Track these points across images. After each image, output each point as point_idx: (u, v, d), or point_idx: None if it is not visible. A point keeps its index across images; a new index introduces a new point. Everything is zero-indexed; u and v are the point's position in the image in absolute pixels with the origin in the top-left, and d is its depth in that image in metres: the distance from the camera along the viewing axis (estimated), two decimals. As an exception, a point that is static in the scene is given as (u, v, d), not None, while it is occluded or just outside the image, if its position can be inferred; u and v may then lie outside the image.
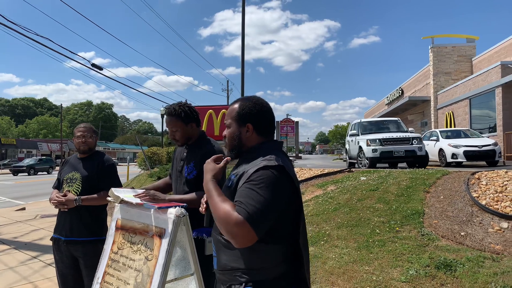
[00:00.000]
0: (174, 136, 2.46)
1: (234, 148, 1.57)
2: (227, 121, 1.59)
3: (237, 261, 1.40)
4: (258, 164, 1.39)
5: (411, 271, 3.76)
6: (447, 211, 5.28)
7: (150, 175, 13.84)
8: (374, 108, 36.00)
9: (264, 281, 1.37)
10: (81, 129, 2.84)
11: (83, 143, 2.80)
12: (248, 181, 1.35)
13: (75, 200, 2.63)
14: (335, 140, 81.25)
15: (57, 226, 2.79)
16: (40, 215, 9.37)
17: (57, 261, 2.75)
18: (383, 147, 10.73)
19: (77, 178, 2.75)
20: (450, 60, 20.98)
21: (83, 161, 2.84)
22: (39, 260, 5.31)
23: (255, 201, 1.28)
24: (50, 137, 72.20)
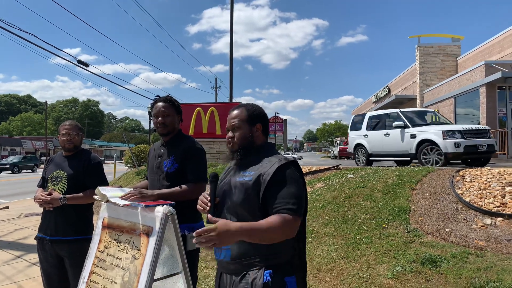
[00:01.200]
0: (165, 121, 2.49)
1: (245, 147, 1.68)
2: (234, 123, 1.70)
3: (255, 248, 1.52)
4: (275, 163, 1.56)
5: (397, 267, 3.81)
6: (432, 208, 5.36)
7: (137, 173, 13.72)
8: (362, 106, 36.32)
9: (279, 264, 1.54)
10: (66, 127, 2.79)
11: (68, 141, 2.75)
12: (274, 178, 1.51)
13: (60, 199, 2.58)
14: (323, 138, 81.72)
15: (41, 225, 2.74)
16: (24, 214, 9.20)
17: (42, 260, 2.70)
18: (466, 140, 9.13)
19: (63, 176, 2.70)
20: (435, 59, 21.29)
21: (69, 159, 2.78)
22: (23, 259, 5.21)
23: (295, 197, 1.49)
24: (34, 134, 70.90)
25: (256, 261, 1.53)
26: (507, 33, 16.40)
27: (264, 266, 1.51)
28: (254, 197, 1.53)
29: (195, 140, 2.57)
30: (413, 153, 9.91)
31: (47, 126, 59.35)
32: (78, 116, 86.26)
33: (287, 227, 1.44)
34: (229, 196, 1.62)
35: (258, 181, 1.54)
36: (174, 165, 2.42)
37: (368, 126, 11.74)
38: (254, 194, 1.53)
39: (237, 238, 1.41)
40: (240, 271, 1.55)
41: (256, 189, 1.53)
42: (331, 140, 67.28)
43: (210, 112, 14.45)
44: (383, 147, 11.04)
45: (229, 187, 1.64)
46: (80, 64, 12.89)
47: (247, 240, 1.43)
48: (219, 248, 1.59)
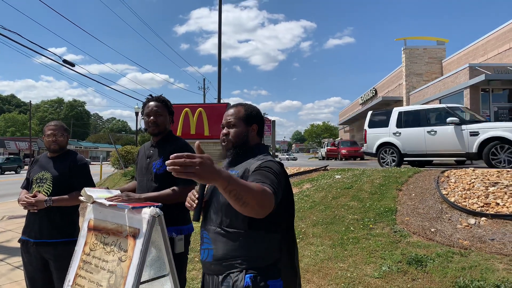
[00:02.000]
0: (157, 120, 2.47)
1: (239, 145, 1.68)
2: (231, 120, 1.70)
3: (237, 250, 1.51)
4: (261, 158, 1.58)
5: (384, 267, 3.85)
6: (418, 208, 5.43)
7: (124, 174, 13.56)
8: (349, 108, 36.65)
9: (262, 267, 1.50)
10: (51, 127, 2.73)
11: (54, 142, 2.70)
12: (257, 169, 1.50)
13: (45, 201, 2.53)
14: (310, 139, 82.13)
15: (25, 227, 2.68)
16: (7, 216, 9.01)
17: (26, 263, 2.64)
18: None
19: (48, 178, 2.64)
20: (421, 62, 21.62)
21: (54, 161, 2.73)
22: (6, 263, 5.10)
23: (271, 180, 1.44)
24: (18, 135, 69.50)
25: (237, 263, 1.51)
26: (491, 36, 16.76)
27: (246, 269, 1.49)
28: None
29: (186, 142, 2.55)
30: (473, 152, 8.86)
31: (31, 127, 58.29)
32: (63, 117, 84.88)
33: (265, 197, 1.32)
34: (216, 195, 1.60)
35: (243, 176, 1.54)
36: (163, 166, 2.39)
37: (400, 123, 10.37)
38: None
39: (219, 179, 1.19)
40: (221, 272, 1.53)
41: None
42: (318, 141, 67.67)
43: (198, 113, 14.37)
44: (426, 146, 9.79)
45: (214, 187, 1.63)
46: (66, 63, 12.70)
47: (224, 187, 1.22)
48: (202, 248, 1.61)
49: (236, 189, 1.24)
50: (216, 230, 1.56)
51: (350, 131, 36.16)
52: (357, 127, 33.12)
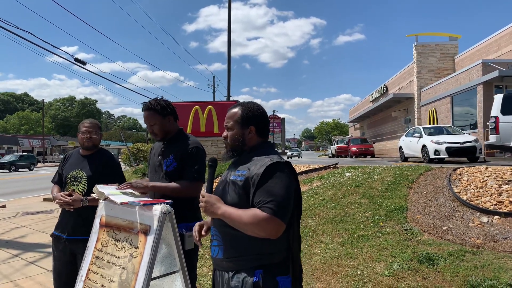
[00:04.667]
0: (153, 130, 2.48)
1: (236, 148, 1.71)
2: (228, 123, 1.72)
3: (247, 247, 1.53)
4: (266, 162, 1.55)
5: (394, 265, 3.82)
6: (429, 206, 5.38)
7: (135, 171, 13.71)
8: (359, 105, 36.37)
9: (271, 264, 1.53)
10: (86, 125, 2.76)
11: (88, 139, 2.73)
12: (263, 178, 1.51)
13: (81, 200, 2.56)
14: (320, 136, 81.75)
15: (59, 224, 2.73)
16: (22, 213, 9.18)
17: (55, 257, 2.71)
18: None
19: (82, 177, 2.68)
20: (433, 58, 21.32)
21: (88, 159, 2.76)
22: (21, 258, 5.20)
23: (274, 195, 1.47)
24: (31, 133, 70.58)
25: (247, 259, 1.53)
26: (504, 32, 16.45)
27: (256, 266, 1.51)
28: (244, 197, 1.54)
29: (196, 140, 2.54)
30: None
31: (44, 125, 59.17)
32: (75, 115, 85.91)
33: (261, 225, 1.43)
34: (223, 194, 1.63)
35: (248, 182, 1.54)
36: (173, 163, 2.41)
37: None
38: (244, 194, 1.54)
39: (218, 216, 1.54)
40: (231, 269, 1.56)
41: (246, 190, 1.54)
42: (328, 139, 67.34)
43: (208, 110, 14.43)
44: None
45: (224, 185, 1.65)
46: (78, 62, 12.84)
47: (226, 221, 1.52)
48: (212, 245, 1.65)
49: (231, 222, 1.51)
50: (225, 227, 1.57)
51: (361, 129, 35.91)
52: (367, 124, 32.87)
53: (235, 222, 1.49)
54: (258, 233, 1.45)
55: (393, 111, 24.80)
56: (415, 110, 21.62)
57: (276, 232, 1.46)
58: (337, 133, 66.18)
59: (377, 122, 29.18)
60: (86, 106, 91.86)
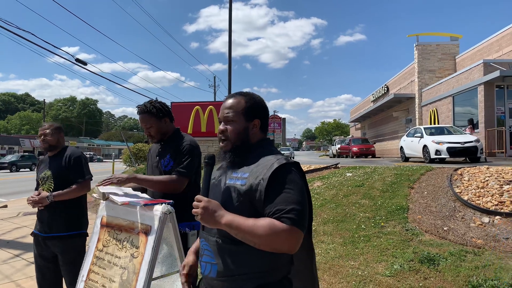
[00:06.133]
0: (150, 132, 2.51)
1: (238, 145, 1.44)
2: (229, 114, 1.45)
3: (244, 264, 1.30)
4: (273, 164, 1.32)
5: (395, 266, 3.82)
6: (430, 207, 5.37)
7: (136, 171, 13.71)
8: (360, 105, 36.35)
9: (272, 283, 1.31)
10: (42, 128, 2.89)
11: (43, 141, 2.86)
12: (274, 183, 1.29)
13: (47, 197, 2.64)
14: (321, 136, 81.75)
15: (36, 223, 2.82)
16: (23, 213, 9.19)
17: (36, 256, 2.77)
18: None
19: (49, 176, 2.77)
20: (434, 58, 21.29)
21: (52, 159, 2.87)
22: (22, 258, 5.21)
23: (293, 203, 1.25)
24: (32, 133, 70.66)
25: (245, 279, 1.30)
26: (506, 32, 16.43)
27: (256, 286, 1.29)
28: (246, 205, 1.32)
29: (191, 138, 2.55)
30: None
31: (45, 125, 59.03)
32: (76, 115, 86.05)
33: (282, 238, 1.21)
34: (217, 198, 1.39)
35: (252, 188, 1.31)
36: (170, 163, 2.44)
37: None
38: (247, 201, 1.32)
39: (220, 226, 1.27)
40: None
41: (250, 196, 1.31)
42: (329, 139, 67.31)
43: (209, 111, 14.44)
44: None
45: (218, 188, 1.43)
46: (78, 62, 12.86)
47: (228, 231, 1.27)
48: (202, 261, 1.41)
49: (240, 234, 1.24)
50: (218, 241, 1.35)
51: (362, 129, 35.88)
52: (368, 124, 32.86)
53: (245, 234, 1.23)
54: (275, 247, 1.23)
55: (394, 111, 24.78)
56: (416, 110, 21.61)
57: (298, 244, 1.24)
58: (338, 133, 66.18)
59: (378, 122, 29.16)
60: (87, 106, 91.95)
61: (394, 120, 25.26)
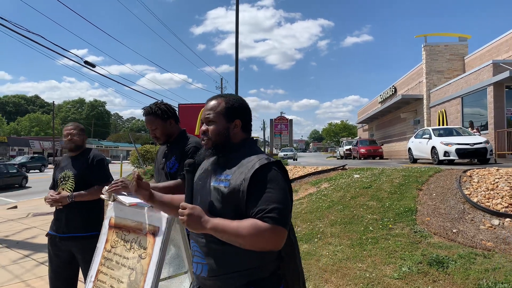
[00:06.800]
0: (155, 134, 2.52)
1: (220, 144, 1.48)
2: (209, 115, 1.49)
3: (235, 263, 1.35)
4: (255, 164, 1.36)
5: (403, 268, 3.79)
6: (439, 209, 5.33)
7: (144, 173, 13.79)
8: (367, 107, 36.18)
9: (263, 279, 1.36)
10: (67, 128, 2.90)
11: (70, 141, 2.86)
12: (255, 183, 1.33)
13: (68, 196, 2.67)
14: (328, 138, 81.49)
15: (53, 223, 2.84)
16: (33, 214, 9.29)
17: (52, 256, 2.78)
18: None
19: (70, 176, 2.79)
20: (442, 59, 21.12)
21: (74, 160, 2.88)
22: (31, 258, 5.26)
23: (275, 202, 1.29)
24: (42, 134, 71.54)
25: (237, 276, 1.35)
26: (515, 32, 16.24)
27: (246, 282, 1.34)
28: (230, 206, 1.36)
29: (197, 140, 2.55)
30: None
31: (55, 127, 59.88)
32: (85, 117, 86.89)
33: (265, 237, 1.26)
34: (204, 200, 1.44)
35: (235, 189, 1.34)
36: (176, 165, 2.45)
37: None
38: (230, 202, 1.35)
39: (206, 231, 1.32)
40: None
41: (233, 198, 1.35)
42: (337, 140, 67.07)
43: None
44: None
45: (205, 191, 1.46)
46: (87, 65, 12.97)
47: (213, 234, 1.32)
48: (194, 262, 1.48)
49: (225, 237, 1.30)
50: (207, 242, 1.39)
51: (369, 130, 35.71)
52: (376, 125, 32.68)
53: (230, 237, 1.29)
54: (261, 246, 1.29)
55: (402, 112, 24.62)
56: (424, 111, 21.44)
57: (282, 242, 1.30)
58: (345, 134, 65.96)
59: (386, 124, 29.00)
60: (95, 108, 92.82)
61: (402, 121, 25.09)
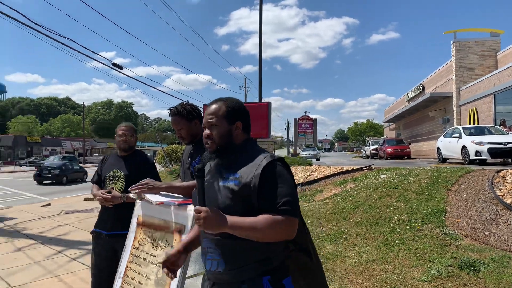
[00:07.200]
0: (180, 134, 2.55)
1: (223, 146, 1.56)
2: (212, 119, 1.56)
3: (249, 256, 1.44)
4: (262, 162, 1.46)
5: (432, 271, 3.69)
6: (470, 210, 5.16)
7: (170, 172, 14.03)
8: (394, 105, 35.42)
9: (274, 269, 1.46)
10: (122, 128, 2.96)
11: (124, 142, 2.92)
12: (265, 180, 1.43)
13: (120, 197, 2.73)
14: (354, 137, 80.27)
15: (99, 221, 2.92)
16: (65, 211, 9.64)
17: (96, 253, 2.87)
18: None
19: (120, 176, 2.87)
20: (473, 55, 20.39)
21: (125, 160, 2.95)
22: (64, 254, 5.46)
23: (285, 195, 1.40)
24: (73, 135, 74.02)
25: (251, 267, 1.44)
26: (553, 25, 15.48)
27: (261, 272, 1.44)
28: (241, 203, 1.44)
29: None
30: None
31: (85, 127, 61.88)
32: (113, 117, 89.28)
33: (282, 229, 1.38)
34: (213, 200, 1.50)
35: (246, 186, 1.43)
36: None
37: None
38: (241, 199, 1.44)
39: (225, 230, 1.38)
40: (236, 280, 1.46)
41: (244, 194, 1.44)
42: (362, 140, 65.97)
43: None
44: None
45: (212, 191, 1.53)
46: (115, 67, 13.32)
47: (231, 233, 1.39)
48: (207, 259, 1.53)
49: (243, 233, 1.39)
50: (222, 238, 1.46)
51: (396, 129, 34.94)
52: (403, 124, 31.94)
53: (248, 232, 1.38)
54: (277, 237, 1.41)
55: (431, 110, 23.94)
56: (454, 109, 20.78)
57: (295, 230, 1.42)
58: (371, 133, 64.76)
59: (414, 123, 28.29)
60: (123, 109, 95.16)
61: (430, 120, 24.41)
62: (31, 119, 73.32)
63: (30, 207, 10.66)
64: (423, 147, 25.49)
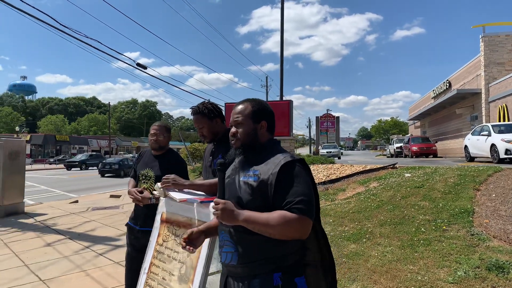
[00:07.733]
0: (202, 132, 2.59)
1: (248, 144, 1.63)
2: (238, 118, 1.65)
3: (263, 251, 1.48)
4: (280, 161, 1.50)
5: (459, 272, 3.60)
6: (499, 210, 4.99)
7: (193, 170, 14.20)
8: (419, 102, 34.58)
9: (288, 265, 1.48)
10: (154, 127, 3.06)
11: (155, 141, 3.02)
12: (282, 178, 1.47)
13: (149, 198, 2.84)
14: (378, 135, 78.87)
15: (133, 216, 3.07)
16: (92, 208, 9.92)
17: (129, 244, 3.05)
18: None
19: (151, 176, 2.96)
20: (503, 50, 19.65)
21: (157, 159, 3.04)
22: (91, 250, 5.63)
23: (301, 195, 1.43)
24: (99, 133, 76.02)
25: (264, 263, 1.48)
26: None
27: (273, 269, 1.47)
28: (259, 199, 1.49)
29: None
30: None
31: (110, 126, 63.43)
32: (137, 116, 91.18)
33: (293, 227, 1.39)
34: (233, 193, 1.57)
35: (263, 182, 1.49)
36: None
37: None
38: (259, 195, 1.49)
39: (239, 222, 1.45)
40: (248, 274, 1.50)
41: (261, 191, 1.49)
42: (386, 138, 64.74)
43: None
44: None
45: (234, 186, 1.60)
46: (139, 67, 13.58)
47: (245, 226, 1.45)
48: (223, 251, 1.58)
49: (256, 227, 1.44)
50: (237, 232, 1.52)
51: (421, 127, 34.11)
52: (428, 122, 31.15)
53: (261, 227, 1.43)
54: (289, 235, 1.42)
55: (458, 108, 23.24)
56: (482, 106, 20.10)
57: (308, 231, 1.44)
58: (395, 131, 63.50)
59: (440, 120, 27.54)
60: (147, 108, 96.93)
61: (457, 117, 23.70)
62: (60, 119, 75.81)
63: (58, 204, 11.03)
64: (449, 145, 24.80)
